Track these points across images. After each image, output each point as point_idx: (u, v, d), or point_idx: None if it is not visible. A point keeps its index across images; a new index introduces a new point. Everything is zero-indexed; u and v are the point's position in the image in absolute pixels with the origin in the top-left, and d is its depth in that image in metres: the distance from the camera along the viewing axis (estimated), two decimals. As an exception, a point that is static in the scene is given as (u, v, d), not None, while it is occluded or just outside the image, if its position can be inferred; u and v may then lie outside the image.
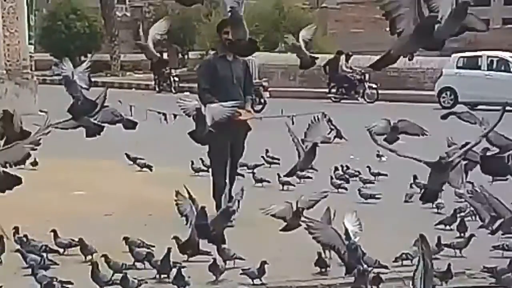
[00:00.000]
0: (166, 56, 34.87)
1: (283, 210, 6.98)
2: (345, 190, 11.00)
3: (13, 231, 7.55)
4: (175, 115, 11.52)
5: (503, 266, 7.00)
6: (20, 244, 7.23)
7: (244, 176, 11.37)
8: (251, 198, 8.19)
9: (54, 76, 34.26)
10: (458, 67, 28.09)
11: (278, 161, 12.71)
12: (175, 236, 7.20)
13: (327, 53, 31.27)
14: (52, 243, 7.44)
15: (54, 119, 6.53)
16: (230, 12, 5.65)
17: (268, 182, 11.38)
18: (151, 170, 12.47)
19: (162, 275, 6.83)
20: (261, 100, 23.89)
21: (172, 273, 6.67)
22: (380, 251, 7.31)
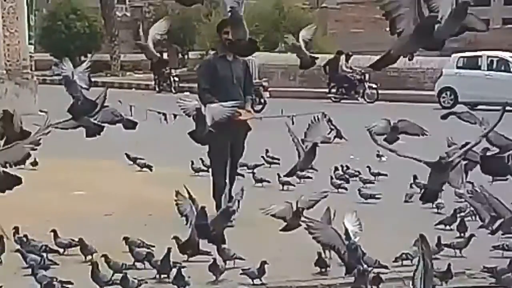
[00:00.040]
0: (166, 56, 34.87)
1: (283, 210, 6.98)
2: (345, 190, 11.00)
3: (13, 231, 7.55)
4: (175, 115, 11.51)
5: (503, 266, 7.00)
6: (20, 244, 7.23)
7: (244, 176, 11.38)
8: (251, 198, 8.19)
9: (54, 76, 34.27)
10: (458, 67, 28.11)
11: (278, 161, 12.72)
12: (175, 236, 7.21)
13: (327, 53, 31.26)
14: (52, 243, 7.44)
15: (54, 119, 6.53)
16: (230, 12, 5.65)
17: (268, 182, 11.40)
18: (151, 170, 12.47)
19: (162, 275, 6.83)
20: (261, 100, 23.89)
21: (172, 273, 6.67)
22: (380, 251, 7.30)
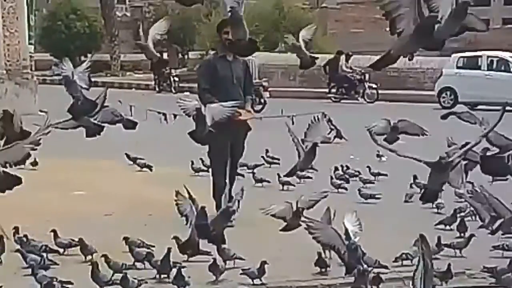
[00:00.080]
0: (166, 56, 34.87)
1: (283, 210, 6.98)
2: (345, 190, 11.00)
3: (13, 231, 7.55)
4: (175, 115, 11.51)
5: (503, 266, 7.00)
6: (20, 244, 7.23)
7: (244, 176, 11.37)
8: (251, 198, 8.19)
9: (54, 76, 34.26)
10: (458, 67, 28.06)
11: (278, 161, 12.71)
12: (175, 236, 7.20)
13: (327, 53, 31.25)
14: (52, 243, 7.44)
15: (54, 119, 6.53)
16: (230, 12, 5.65)
17: (268, 182, 11.39)
18: (151, 170, 12.47)
19: (162, 275, 6.83)
20: (261, 100, 23.89)
21: (172, 273, 6.67)
22: (380, 251, 7.30)
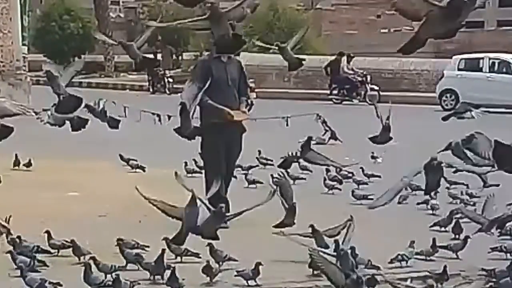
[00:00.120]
0: (160, 57, 34.82)
1: None
2: (339, 191, 10.98)
3: (5, 232, 7.50)
4: (169, 116, 11.51)
5: (499, 267, 6.97)
6: (13, 245, 7.17)
7: (236, 177, 11.32)
8: (245, 199, 8.16)
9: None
10: (459, 69, 27.82)
11: (272, 162, 12.66)
12: (165, 237, 7.14)
13: (322, 54, 31.25)
14: (45, 244, 7.39)
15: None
16: (209, 8, 5.63)
17: (261, 183, 11.32)
18: (144, 171, 12.42)
19: (156, 277, 6.79)
20: (247, 101, 23.72)
21: (166, 274, 6.63)
22: (376, 252, 7.29)
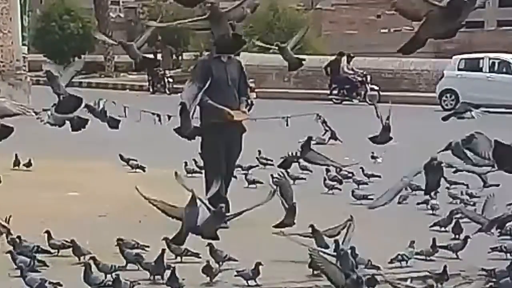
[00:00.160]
0: (160, 57, 34.81)
1: None
2: (339, 190, 10.98)
3: (5, 232, 7.50)
4: (169, 116, 11.51)
5: (498, 267, 6.97)
6: (13, 245, 7.17)
7: (236, 177, 11.31)
8: (245, 199, 8.16)
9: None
10: (459, 69, 27.76)
11: (272, 162, 12.65)
12: (165, 237, 7.14)
13: (322, 54, 31.23)
14: (45, 244, 7.39)
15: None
16: (209, 8, 5.63)
17: (261, 183, 11.31)
18: (144, 171, 12.41)
19: (156, 277, 6.79)
20: (247, 101, 23.70)
21: (166, 274, 6.63)
22: (376, 252, 7.29)
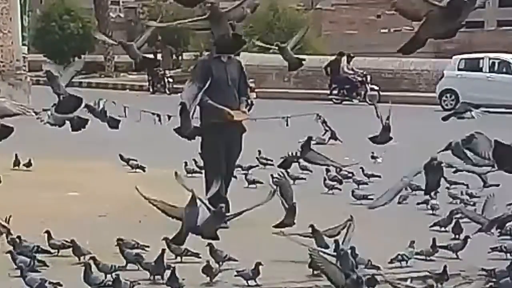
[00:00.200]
0: (160, 57, 34.81)
1: None
2: (339, 190, 10.98)
3: (5, 232, 7.50)
4: (169, 116, 11.50)
5: (498, 267, 6.97)
6: (13, 245, 7.17)
7: (236, 177, 11.31)
8: (245, 199, 8.16)
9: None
10: (459, 69, 27.73)
11: (272, 162, 12.65)
12: (165, 237, 7.14)
13: (322, 54, 31.22)
14: (45, 244, 7.39)
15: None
16: (209, 8, 5.63)
17: (261, 183, 11.31)
18: (144, 171, 12.41)
19: (156, 277, 6.79)
20: (247, 101, 23.69)
21: (166, 274, 6.63)
22: (376, 252, 7.29)
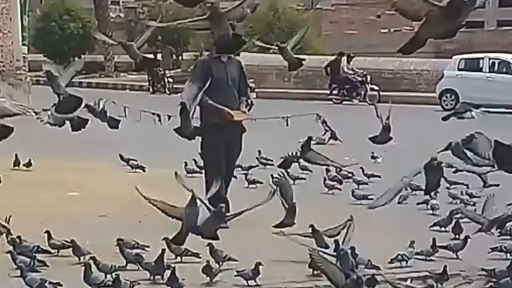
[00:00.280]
0: (160, 57, 34.80)
1: None
2: (339, 190, 10.98)
3: (5, 232, 7.50)
4: (169, 116, 11.49)
5: (498, 267, 6.97)
6: (13, 245, 7.17)
7: (236, 177, 11.31)
8: (245, 199, 8.16)
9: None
10: (459, 69, 27.71)
11: (272, 162, 12.65)
12: (165, 237, 7.14)
13: (322, 54, 31.22)
14: (45, 244, 7.39)
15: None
16: (209, 8, 5.63)
17: (261, 183, 11.30)
18: (144, 171, 12.41)
19: (156, 277, 6.79)
20: (247, 101, 23.68)
21: (166, 274, 6.63)
22: (376, 252, 7.30)
